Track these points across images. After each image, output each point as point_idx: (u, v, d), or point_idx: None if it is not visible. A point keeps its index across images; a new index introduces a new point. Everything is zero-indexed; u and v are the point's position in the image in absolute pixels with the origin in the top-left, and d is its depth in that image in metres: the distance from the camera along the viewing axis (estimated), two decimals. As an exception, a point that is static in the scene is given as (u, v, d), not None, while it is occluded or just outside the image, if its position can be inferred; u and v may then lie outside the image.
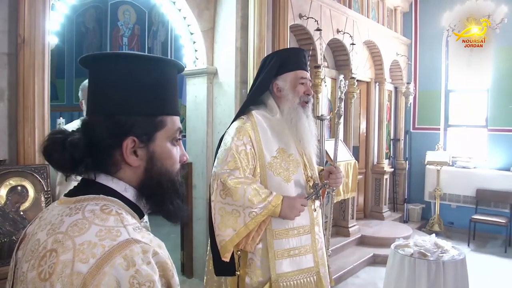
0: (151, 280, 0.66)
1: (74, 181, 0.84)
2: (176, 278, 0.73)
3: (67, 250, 0.67)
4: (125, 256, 0.66)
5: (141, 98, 0.80)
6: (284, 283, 1.88)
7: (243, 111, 2.03)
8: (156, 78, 0.82)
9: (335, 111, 2.24)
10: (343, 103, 2.22)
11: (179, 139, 0.87)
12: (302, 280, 1.92)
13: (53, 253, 0.68)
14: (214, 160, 1.97)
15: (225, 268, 1.91)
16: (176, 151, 0.86)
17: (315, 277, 1.95)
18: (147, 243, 0.70)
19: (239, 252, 1.90)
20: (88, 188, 0.79)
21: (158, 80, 0.82)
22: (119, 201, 0.78)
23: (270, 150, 1.92)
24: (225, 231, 1.82)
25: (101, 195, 0.77)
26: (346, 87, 2.28)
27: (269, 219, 1.88)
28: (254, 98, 2.03)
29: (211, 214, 1.89)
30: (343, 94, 2.24)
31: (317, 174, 2.09)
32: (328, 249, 2.22)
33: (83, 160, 0.78)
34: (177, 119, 0.86)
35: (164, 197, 0.84)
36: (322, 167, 2.21)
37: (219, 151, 1.96)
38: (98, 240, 0.67)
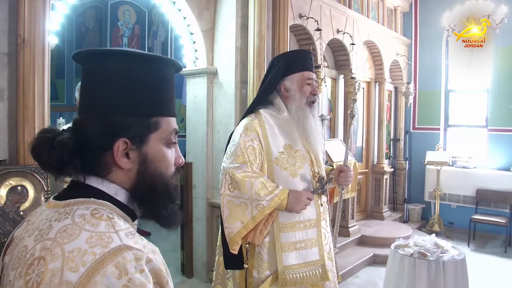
0: None
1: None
2: (170, 285, 0.71)
3: (55, 258, 0.64)
4: (117, 264, 0.63)
5: (135, 98, 0.77)
6: (290, 275, 1.93)
7: (252, 110, 2.10)
8: (151, 77, 0.79)
9: (349, 112, 2.29)
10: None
11: (175, 142, 0.83)
12: (307, 273, 1.98)
13: (41, 261, 0.64)
14: (224, 157, 2.04)
15: (234, 262, 1.96)
16: (171, 154, 0.83)
17: (320, 270, 2.00)
18: (141, 250, 0.67)
19: (247, 246, 1.95)
20: (78, 191, 0.75)
21: (153, 79, 0.79)
22: (110, 204, 0.75)
23: (277, 146, 1.99)
24: (233, 223, 1.88)
25: (92, 199, 0.73)
26: (360, 88, 2.33)
27: (276, 213, 1.93)
28: (262, 98, 2.11)
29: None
30: (356, 96, 2.27)
31: (324, 171, 2.14)
32: (335, 246, 2.26)
33: (72, 161, 0.74)
34: (173, 120, 0.83)
35: (158, 202, 0.80)
36: (332, 167, 2.26)
37: (228, 147, 2.04)
38: (89, 247, 0.64)
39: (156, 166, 0.79)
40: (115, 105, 0.76)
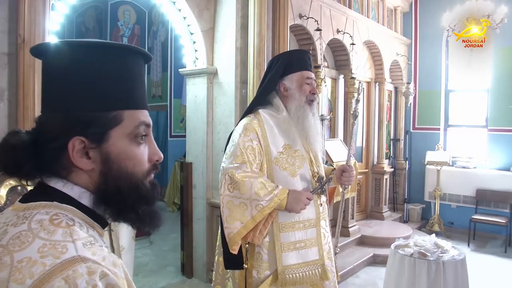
0: None
1: None
2: None
3: (3, 267, 0.58)
4: (66, 277, 0.56)
5: (89, 92, 0.70)
6: (290, 275, 1.93)
7: (251, 110, 2.10)
8: (107, 67, 0.72)
9: (351, 112, 2.29)
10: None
11: (145, 135, 0.76)
12: (307, 272, 1.98)
13: None
14: (223, 157, 2.03)
15: (233, 262, 1.96)
16: (143, 150, 0.75)
17: (320, 269, 2.00)
18: (97, 262, 0.61)
19: (247, 246, 1.95)
20: (41, 193, 0.70)
21: (110, 70, 0.72)
22: (74, 209, 0.69)
23: (277, 146, 1.99)
24: (233, 223, 1.88)
25: (55, 202, 0.68)
26: (364, 90, 2.36)
27: (275, 213, 1.94)
28: (261, 98, 2.11)
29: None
30: (359, 96, 2.28)
31: (323, 170, 2.15)
32: (336, 246, 2.27)
33: (27, 163, 0.69)
34: (140, 113, 0.75)
35: (125, 204, 0.73)
36: (334, 167, 2.25)
37: (227, 148, 2.03)
38: (40, 257, 0.58)
39: (121, 166, 0.72)
40: (67, 101, 0.70)
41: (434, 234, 3.21)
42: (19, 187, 2.23)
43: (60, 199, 0.69)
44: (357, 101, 2.24)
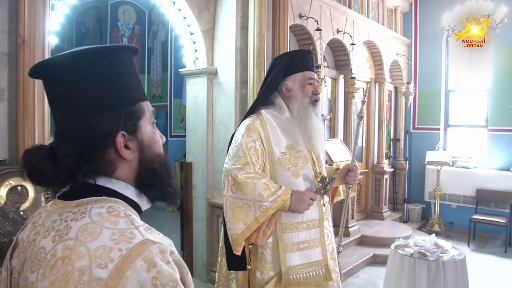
0: (173, 279, 0.66)
1: None
2: (190, 276, 0.73)
3: (81, 256, 0.65)
4: (144, 258, 0.65)
5: (116, 91, 0.77)
6: (294, 276, 1.93)
7: (253, 110, 2.09)
8: (122, 66, 0.80)
9: (358, 113, 2.29)
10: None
11: (156, 122, 0.87)
12: (311, 273, 1.98)
13: (65, 260, 0.65)
14: (225, 158, 2.03)
15: (237, 263, 1.96)
16: (158, 134, 0.86)
17: (323, 270, 2.00)
18: (162, 243, 0.69)
19: (250, 246, 1.95)
20: (87, 190, 0.75)
21: (124, 68, 0.80)
22: (122, 201, 0.76)
23: (279, 146, 1.99)
24: (236, 224, 1.88)
25: (103, 197, 0.74)
26: (367, 91, 2.37)
27: (279, 213, 1.93)
28: (263, 98, 2.10)
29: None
30: (365, 97, 2.27)
31: (325, 170, 2.15)
32: (339, 245, 2.27)
33: (81, 168, 0.74)
34: (148, 103, 0.85)
35: (162, 181, 0.83)
36: (337, 167, 2.25)
37: (229, 148, 2.03)
38: (114, 244, 0.66)
39: (152, 149, 0.82)
40: (100, 103, 0.75)
41: (434, 234, 3.21)
42: (19, 187, 2.23)
43: (105, 193, 0.75)
44: (363, 102, 2.23)
